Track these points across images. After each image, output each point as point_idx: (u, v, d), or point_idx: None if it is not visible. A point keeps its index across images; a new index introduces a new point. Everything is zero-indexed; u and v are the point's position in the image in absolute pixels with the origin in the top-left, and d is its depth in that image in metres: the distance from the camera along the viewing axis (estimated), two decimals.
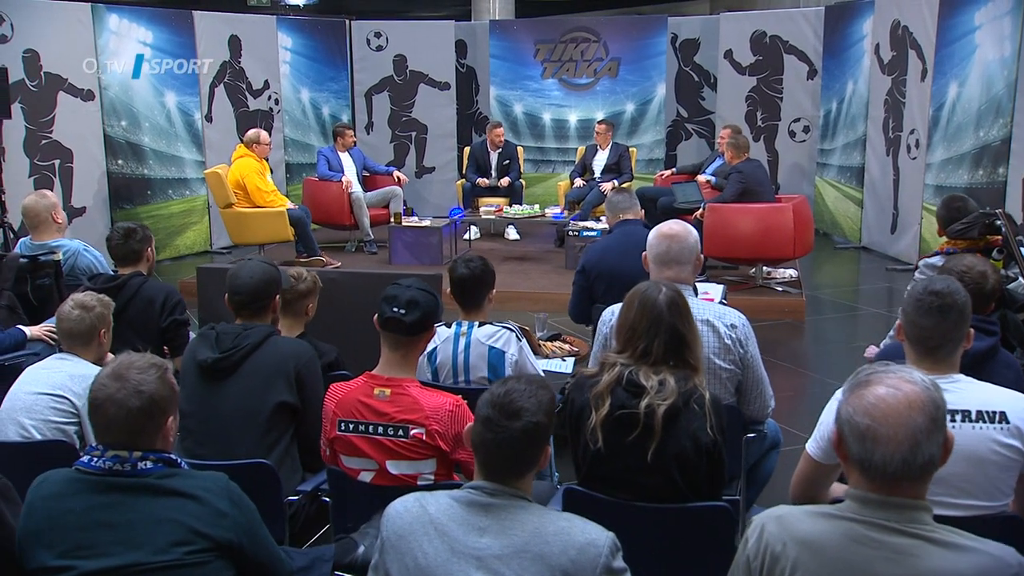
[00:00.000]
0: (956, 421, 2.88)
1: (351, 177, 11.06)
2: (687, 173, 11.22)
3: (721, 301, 5.21)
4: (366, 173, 11.59)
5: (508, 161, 11.96)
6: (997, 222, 4.84)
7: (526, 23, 14.79)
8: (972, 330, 3.10)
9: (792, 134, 12.60)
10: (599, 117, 12.87)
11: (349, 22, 13.71)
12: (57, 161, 10.07)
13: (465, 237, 11.46)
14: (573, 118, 13.48)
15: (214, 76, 11.71)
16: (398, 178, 11.64)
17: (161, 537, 2.48)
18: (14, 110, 9.34)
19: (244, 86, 12.12)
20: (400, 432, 3.28)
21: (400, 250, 10.41)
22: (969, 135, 9.37)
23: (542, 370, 4.60)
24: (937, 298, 3.00)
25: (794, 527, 2.16)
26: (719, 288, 5.81)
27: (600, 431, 3.06)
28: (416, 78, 13.53)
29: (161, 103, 11.11)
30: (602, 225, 10.25)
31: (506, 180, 11.84)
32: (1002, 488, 2.92)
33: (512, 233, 12.12)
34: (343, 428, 3.35)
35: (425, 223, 10.61)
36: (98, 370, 3.89)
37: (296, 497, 3.68)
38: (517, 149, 12.38)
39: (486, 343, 4.28)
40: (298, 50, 13.08)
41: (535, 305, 8.24)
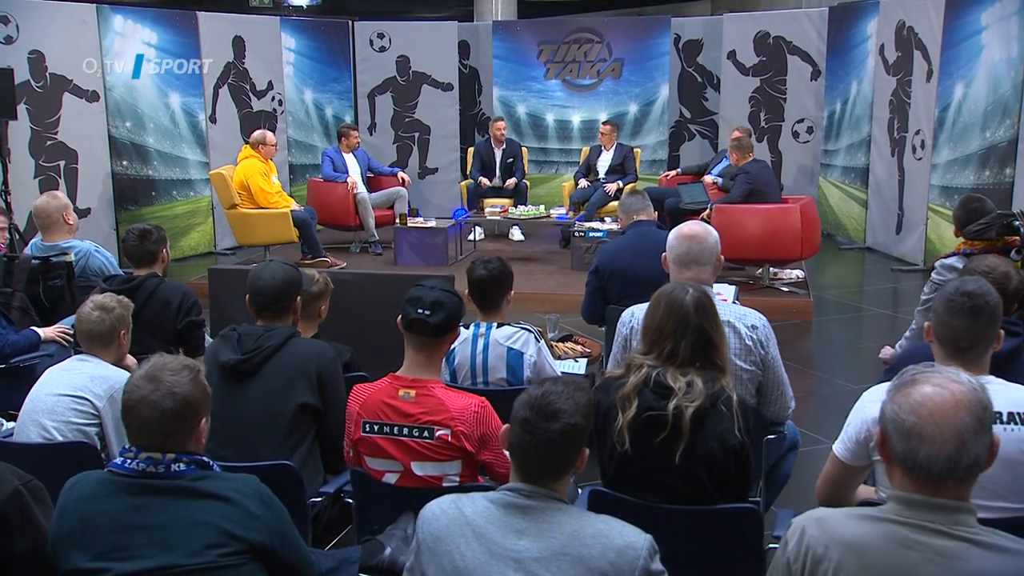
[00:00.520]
0: None
1: (356, 178, 11.04)
2: (692, 174, 11.22)
3: (734, 302, 5.20)
4: (370, 174, 11.58)
5: (512, 159, 11.97)
6: (1015, 222, 4.84)
7: (529, 24, 14.78)
8: (1003, 331, 3.10)
9: (796, 135, 12.60)
10: (602, 118, 12.87)
11: (352, 23, 13.70)
12: (62, 162, 10.05)
13: (470, 238, 11.47)
14: (576, 119, 13.48)
15: (218, 77, 11.70)
16: (402, 179, 11.63)
17: (195, 539, 2.48)
18: (19, 111, 9.31)
19: (248, 87, 12.11)
20: (425, 433, 3.27)
21: (405, 251, 10.41)
22: (975, 136, 9.38)
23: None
24: (969, 299, 2.99)
25: (836, 529, 2.15)
26: (731, 289, 5.78)
27: (627, 433, 3.05)
28: (419, 79, 13.52)
29: (165, 104, 11.10)
30: (607, 226, 10.26)
31: (512, 181, 11.86)
32: None
33: (516, 234, 12.13)
34: (368, 429, 3.34)
35: (430, 224, 10.61)
36: (118, 371, 3.92)
37: (319, 499, 3.66)
38: (522, 149, 12.38)
39: (504, 344, 4.27)
40: (301, 51, 13.08)
41: (541, 306, 8.24)
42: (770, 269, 9.39)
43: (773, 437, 4.04)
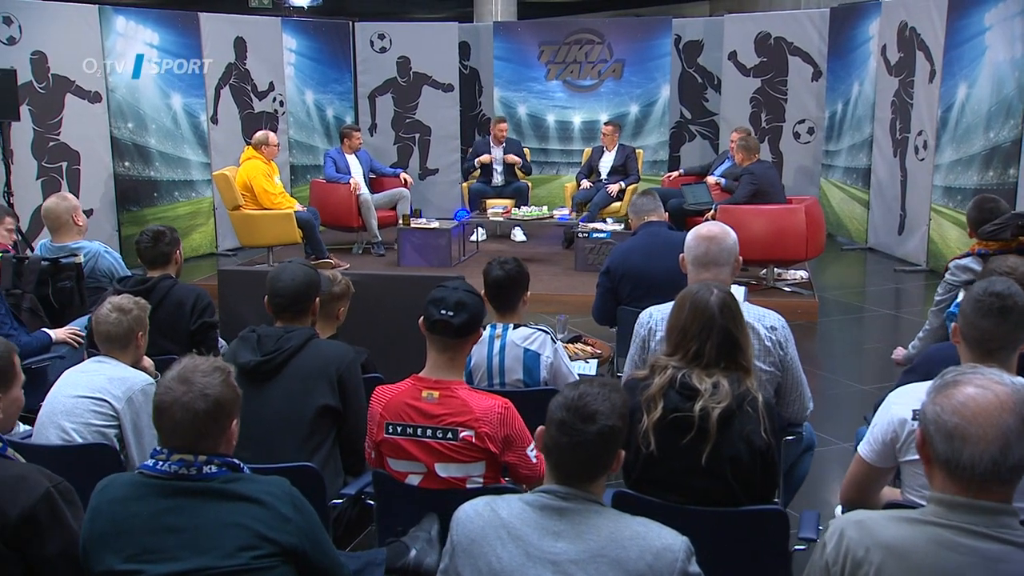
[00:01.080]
0: None
1: (358, 179, 11.04)
2: (695, 174, 11.24)
3: (743, 302, 5.20)
4: (372, 175, 11.58)
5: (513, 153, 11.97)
6: None
7: (530, 25, 14.78)
8: None
9: (797, 135, 12.61)
10: (603, 119, 12.86)
11: (352, 24, 13.68)
12: (65, 163, 10.01)
13: (472, 239, 11.46)
14: (577, 120, 13.47)
15: (219, 78, 11.68)
16: (405, 180, 11.63)
17: (228, 541, 2.47)
18: (22, 112, 9.30)
19: (249, 88, 12.09)
20: (449, 435, 3.26)
21: (409, 252, 10.40)
22: (979, 136, 9.39)
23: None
24: (998, 299, 2.99)
25: (877, 532, 2.14)
26: (741, 290, 5.77)
27: (652, 434, 3.04)
28: (420, 80, 13.51)
29: (167, 105, 11.08)
30: (611, 227, 10.26)
31: (515, 159, 11.83)
32: None
33: (519, 235, 12.13)
34: (391, 431, 3.33)
35: (433, 225, 10.60)
36: (137, 373, 3.92)
37: (340, 501, 3.66)
38: (523, 148, 12.38)
39: (521, 345, 4.28)
40: (303, 52, 13.05)
41: (546, 307, 8.24)
42: (774, 270, 9.39)
43: (791, 438, 4.04)
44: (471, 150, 12.32)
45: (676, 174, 11.63)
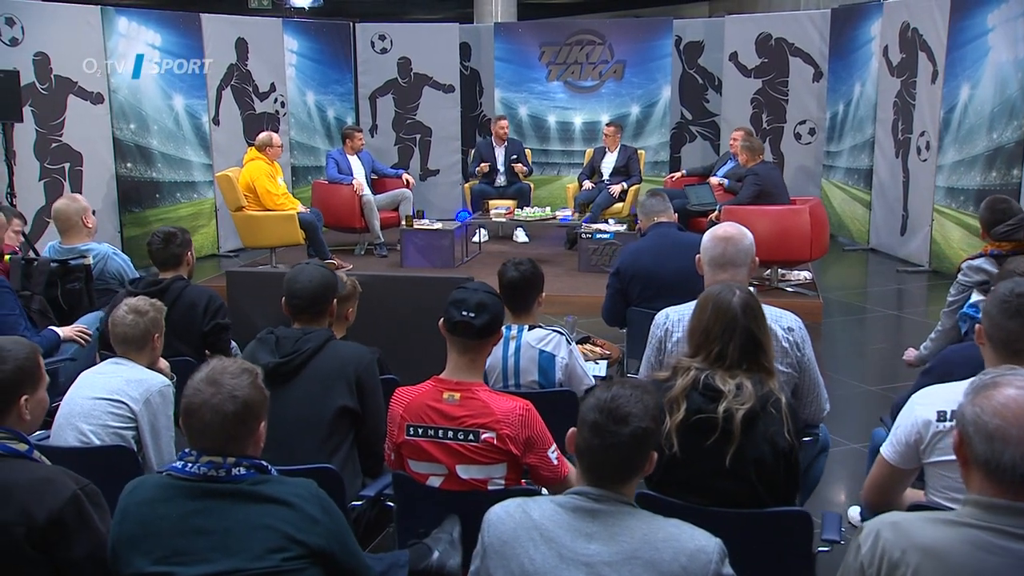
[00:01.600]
0: None
1: (360, 180, 11.03)
2: (697, 175, 11.25)
3: None
4: (374, 176, 11.57)
5: (515, 156, 11.97)
6: None
7: (531, 25, 14.78)
8: None
9: (798, 136, 12.62)
10: (604, 119, 12.88)
11: (353, 25, 13.67)
12: (67, 164, 9.99)
13: (474, 240, 11.46)
14: (578, 120, 13.47)
15: (221, 79, 11.67)
16: (407, 181, 11.62)
17: (258, 544, 2.47)
18: (25, 113, 9.29)
19: (250, 89, 12.08)
20: (471, 436, 3.26)
21: (412, 253, 10.39)
22: (982, 137, 9.40)
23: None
24: None
25: (913, 534, 2.13)
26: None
27: (675, 436, 3.04)
28: (420, 80, 13.52)
29: (169, 106, 11.06)
30: (615, 227, 10.26)
31: (521, 167, 11.85)
32: None
33: (521, 236, 12.13)
34: (412, 433, 3.32)
35: (436, 226, 10.59)
36: (153, 375, 3.91)
37: (359, 502, 3.65)
38: (524, 148, 12.39)
39: (536, 347, 4.28)
40: (304, 53, 13.05)
41: (552, 308, 8.21)
42: (778, 271, 9.39)
43: (808, 439, 4.03)
44: (474, 151, 12.31)
45: (678, 175, 11.64)
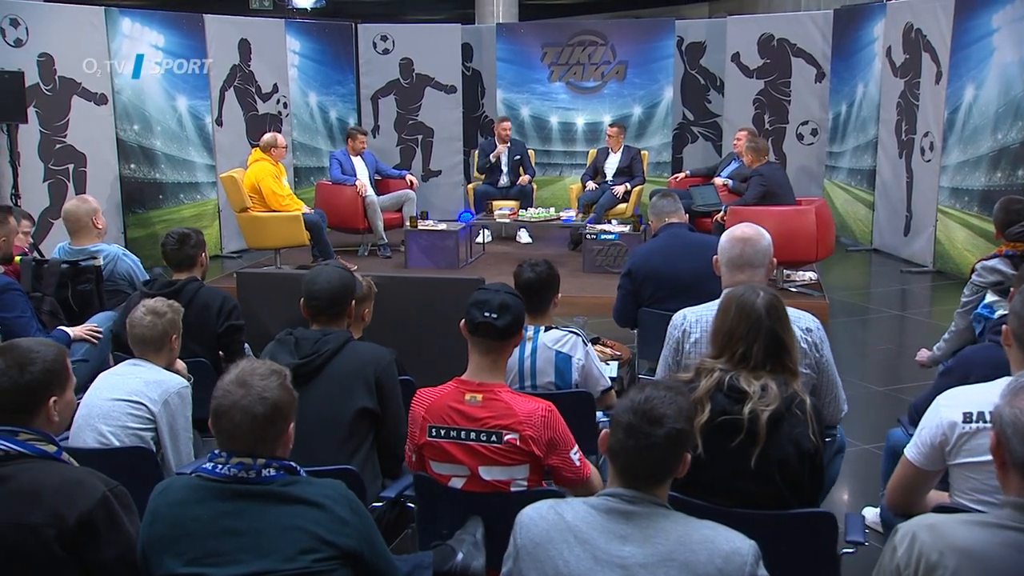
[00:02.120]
0: None
1: (364, 181, 11.02)
2: (701, 176, 11.25)
3: None
4: (378, 177, 11.55)
5: (519, 157, 11.97)
6: None
7: (533, 26, 14.79)
8: None
9: (800, 137, 12.61)
10: (606, 120, 12.90)
11: (355, 26, 13.66)
12: (71, 166, 9.98)
13: (478, 240, 11.46)
14: (580, 121, 13.47)
15: (224, 79, 11.66)
16: (411, 181, 11.61)
17: (289, 545, 2.47)
18: (29, 114, 9.27)
19: (253, 90, 12.08)
20: (493, 438, 3.25)
21: (416, 254, 10.39)
22: (986, 138, 9.42)
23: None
24: None
25: (951, 536, 2.12)
26: None
27: (700, 437, 3.03)
28: (422, 81, 13.51)
29: (172, 107, 11.04)
30: (620, 228, 10.26)
31: (525, 178, 11.88)
32: None
33: (524, 237, 12.12)
34: (434, 434, 3.32)
35: (441, 227, 10.59)
36: (172, 376, 3.91)
37: (379, 504, 3.65)
38: (528, 151, 12.38)
39: (553, 347, 4.28)
40: (306, 53, 13.04)
41: (557, 308, 8.18)
42: (783, 271, 9.40)
43: (828, 440, 4.02)
44: (478, 151, 12.28)
45: (682, 175, 11.65)
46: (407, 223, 10.70)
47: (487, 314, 3.33)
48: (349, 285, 3.97)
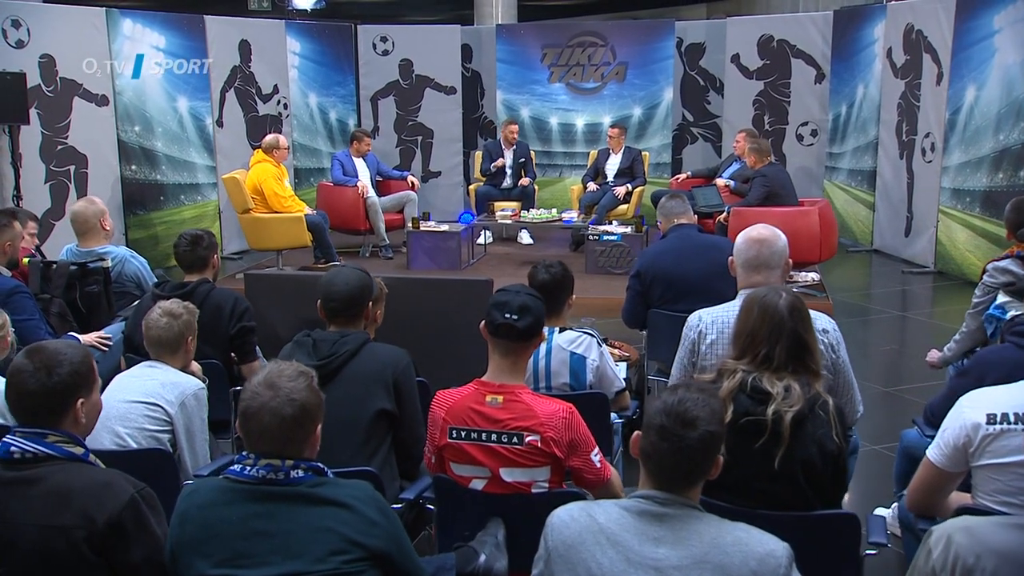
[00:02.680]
0: None
1: (365, 182, 11.01)
2: (702, 177, 11.26)
3: None
4: (379, 178, 11.55)
5: (523, 160, 11.98)
6: None
7: (533, 27, 14.79)
8: None
9: (800, 138, 12.63)
10: (606, 121, 12.92)
11: (355, 27, 13.65)
12: (72, 167, 9.95)
13: (479, 241, 11.45)
14: (580, 122, 13.47)
15: (224, 80, 11.64)
16: (412, 183, 11.61)
17: (319, 546, 2.47)
18: (31, 116, 9.25)
19: (254, 91, 12.07)
20: (515, 439, 3.25)
21: (419, 255, 10.40)
22: (988, 138, 9.43)
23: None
24: None
25: (988, 538, 2.13)
26: None
27: None
28: (422, 82, 13.50)
29: (173, 108, 11.02)
30: (621, 229, 10.27)
31: (525, 180, 11.88)
32: None
33: (525, 238, 12.13)
34: (454, 435, 3.31)
35: (443, 228, 10.59)
36: (188, 378, 3.90)
37: (398, 505, 3.64)
38: (530, 151, 12.38)
39: (567, 349, 4.28)
40: (306, 55, 13.03)
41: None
42: None
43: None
44: (484, 152, 12.25)
45: (683, 176, 11.66)
46: (409, 224, 10.70)
47: (508, 315, 3.33)
48: (367, 287, 3.97)
